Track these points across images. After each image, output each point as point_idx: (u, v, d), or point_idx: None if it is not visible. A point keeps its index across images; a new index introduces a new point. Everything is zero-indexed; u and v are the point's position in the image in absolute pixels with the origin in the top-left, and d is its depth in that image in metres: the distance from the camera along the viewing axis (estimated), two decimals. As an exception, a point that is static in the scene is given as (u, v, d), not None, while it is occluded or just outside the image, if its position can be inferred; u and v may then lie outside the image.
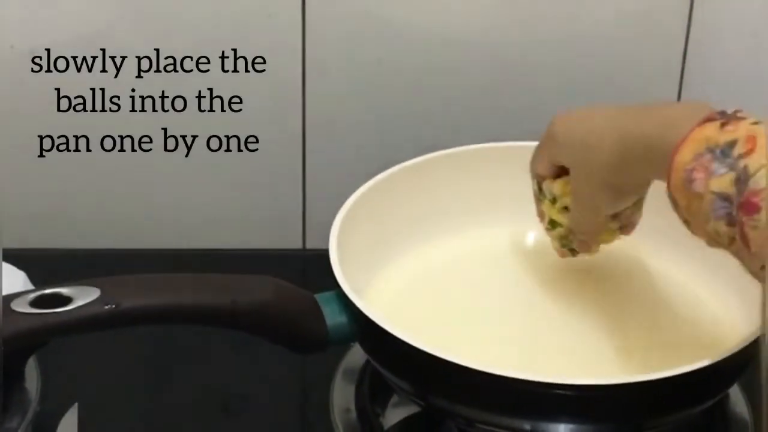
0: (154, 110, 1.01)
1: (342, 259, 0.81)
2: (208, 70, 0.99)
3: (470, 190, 0.93)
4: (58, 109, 1.00)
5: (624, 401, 0.74)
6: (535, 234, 0.92)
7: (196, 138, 1.02)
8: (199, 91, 1.00)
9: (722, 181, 0.68)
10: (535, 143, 0.92)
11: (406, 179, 0.91)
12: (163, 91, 1.00)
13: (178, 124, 1.01)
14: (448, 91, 1.01)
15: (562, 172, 0.83)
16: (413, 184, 0.91)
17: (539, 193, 0.86)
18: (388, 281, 0.88)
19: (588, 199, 0.81)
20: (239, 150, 1.03)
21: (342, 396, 0.86)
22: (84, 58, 0.98)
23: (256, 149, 1.02)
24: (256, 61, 0.99)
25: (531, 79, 1.01)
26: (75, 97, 1.00)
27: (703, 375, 0.73)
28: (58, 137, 1.01)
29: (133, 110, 1.00)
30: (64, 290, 0.73)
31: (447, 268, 0.90)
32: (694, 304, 0.88)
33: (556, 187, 0.84)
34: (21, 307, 0.72)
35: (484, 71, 1.01)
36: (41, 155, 1.02)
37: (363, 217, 0.88)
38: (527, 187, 0.92)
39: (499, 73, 1.01)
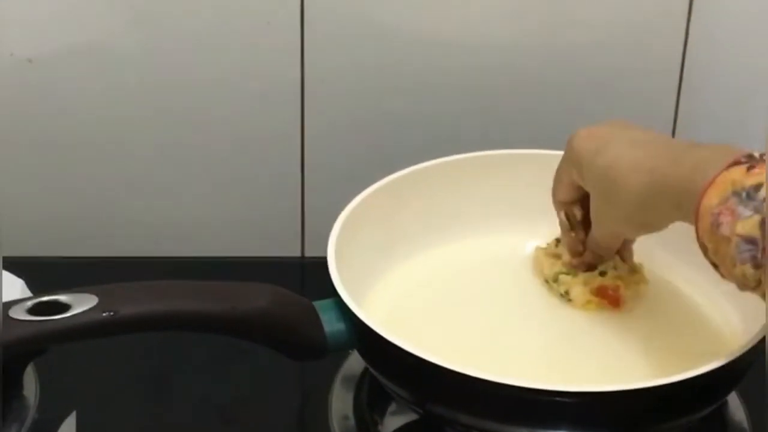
0: (152, 118, 1.01)
1: (340, 267, 0.81)
2: (206, 77, 0.99)
3: (470, 197, 0.93)
4: (57, 117, 1.00)
5: (623, 408, 0.74)
6: (535, 241, 0.91)
7: (195, 146, 1.02)
8: (198, 98, 1.00)
9: (748, 223, 0.67)
10: (537, 151, 0.93)
11: (405, 187, 0.91)
12: (161, 99, 1.00)
13: (177, 131, 1.01)
14: (449, 97, 1.01)
15: (585, 195, 0.82)
16: (412, 192, 0.91)
17: (567, 223, 0.85)
18: (387, 289, 0.88)
19: (608, 229, 0.81)
20: (238, 157, 1.03)
21: (340, 403, 0.86)
22: (83, 66, 0.98)
23: (255, 156, 1.02)
24: (255, 67, 0.99)
25: (532, 85, 1.01)
26: (73, 105, 1.00)
27: (701, 382, 0.73)
28: (57, 145, 1.01)
29: (132, 118, 1.00)
30: (62, 297, 0.73)
31: (446, 276, 0.90)
32: (693, 311, 0.88)
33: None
34: (19, 314, 0.72)
35: (484, 77, 1.01)
36: (39, 163, 1.02)
37: (362, 224, 0.87)
38: (528, 194, 0.92)
39: (500, 79, 1.01)
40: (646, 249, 0.89)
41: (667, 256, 0.89)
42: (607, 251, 0.85)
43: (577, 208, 0.85)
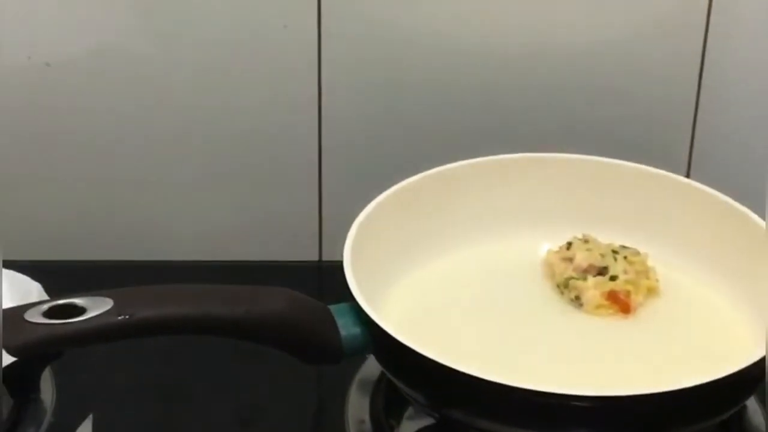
0: (168, 122, 1.01)
1: (357, 271, 0.81)
2: (224, 81, 0.99)
3: (486, 201, 0.92)
4: (74, 120, 1.00)
5: (641, 413, 0.74)
6: (549, 246, 0.91)
7: (212, 149, 1.02)
8: (214, 103, 1.00)
9: None
10: (552, 155, 0.93)
11: (421, 191, 0.91)
12: (177, 103, 1.00)
13: (193, 135, 1.01)
14: (465, 102, 1.01)
15: None
16: (428, 196, 0.91)
17: None
18: (403, 293, 0.88)
19: None
20: (255, 161, 1.03)
21: (357, 408, 0.86)
22: (101, 69, 0.98)
23: (273, 161, 1.02)
24: (272, 71, 0.99)
25: (549, 89, 1.01)
26: (91, 108, 1.00)
27: (720, 386, 0.73)
28: (75, 148, 1.01)
29: (149, 122, 1.01)
30: (77, 301, 0.73)
31: (461, 280, 0.90)
32: (711, 314, 0.87)
33: None
34: (35, 317, 0.72)
35: (500, 84, 1.01)
36: (57, 166, 1.02)
37: (378, 228, 0.87)
38: (542, 197, 0.92)
39: (516, 86, 1.01)
40: (657, 251, 0.88)
41: (680, 258, 0.89)
42: None
43: None
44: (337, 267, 0.82)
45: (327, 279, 1.04)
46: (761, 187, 0.83)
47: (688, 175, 1.02)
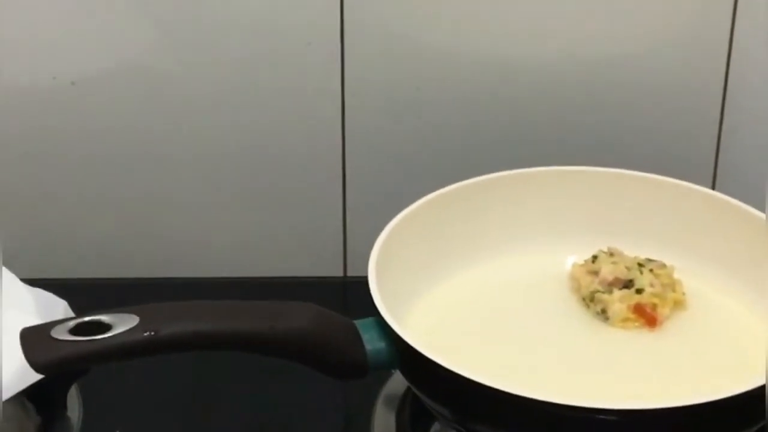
0: (192, 139, 1.01)
1: (381, 285, 0.81)
2: (247, 98, 1.00)
3: (511, 215, 0.92)
4: (99, 139, 1.01)
5: (669, 426, 0.73)
6: (575, 259, 0.91)
7: (236, 166, 1.02)
8: (238, 120, 1.00)
9: None
10: (577, 168, 0.92)
11: (446, 205, 0.91)
12: (201, 120, 1.00)
13: (217, 151, 1.02)
14: (488, 114, 1.01)
15: None
16: (453, 210, 0.91)
17: None
18: (428, 307, 0.88)
19: None
20: (279, 177, 1.03)
21: (383, 423, 0.86)
22: (126, 87, 0.99)
23: (297, 176, 1.03)
24: (295, 87, 0.99)
25: (574, 104, 1.01)
26: (116, 126, 1.00)
27: (749, 399, 0.72)
28: (100, 166, 1.02)
29: (173, 139, 1.01)
30: (103, 318, 0.73)
31: (486, 294, 0.90)
32: (739, 327, 0.87)
33: None
34: (61, 334, 0.72)
35: (524, 95, 1.01)
36: (81, 184, 1.02)
37: (403, 243, 0.87)
38: (568, 212, 0.92)
39: (540, 97, 1.01)
40: (683, 264, 0.88)
41: (706, 271, 0.89)
42: None
43: None
44: (362, 282, 0.82)
45: (351, 294, 1.04)
46: (788, 198, 0.83)
47: (713, 187, 1.02)
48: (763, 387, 0.72)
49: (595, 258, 0.89)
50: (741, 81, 1.00)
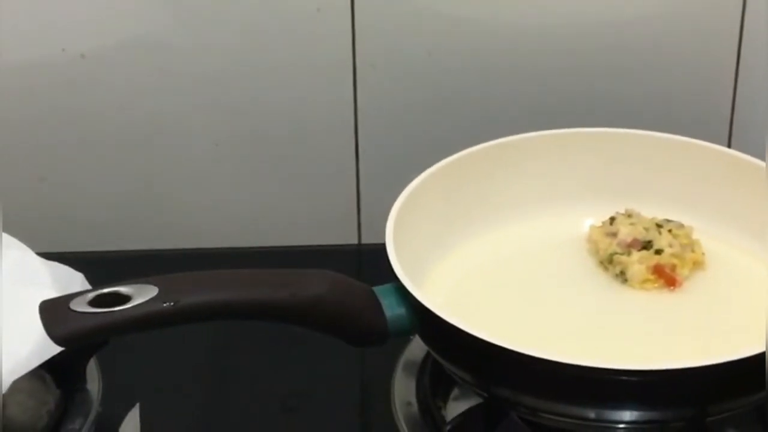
0: (206, 109, 1.01)
1: (399, 251, 0.80)
2: (258, 67, 0.99)
3: (525, 178, 0.92)
4: (110, 112, 1.00)
5: (691, 386, 0.73)
6: (592, 221, 0.91)
7: (248, 136, 1.02)
8: (249, 88, 1.00)
9: None
10: (591, 129, 0.92)
11: (460, 170, 0.90)
12: (213, 91, 1.00)
13: (230, 122, 1.01)
14: (500, 79, 1.01)
15: None
16: (467, 175, 0.90)
17: None
18: (446, 272, 0.88)
19: None
20: (292, 147, 1.02)
21: (403, 389, 0.85)
22: (135, 60, 0.99)
23: (310, 145, 1.02)
24: (306, 56, 0.99)
25: (584, 64, 1.00)
26: (126, 99, 1.00)
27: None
28: (113, 140, 1.01)
29: (185, 110, 1.01)
30: (122, 289, 0.73)
31: (503, 258, 0.89)
32: (758, 286, 0.86)
33: None
34: (80, 306, 0.72)
35: (537, 60, 1.00)
36: (94, 158, 1.02)
37: (418, 209, 0.87)
38: (584, 174, 0.91)
39: (550, 61, 1.00)
40: (702, 224, 0.88)
41: (724, 230, 0.89)
42: None
43: None
44: (376, 250, 0.81)
45: (366, 262, 1.04)
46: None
47: (729, 146, 1.02)
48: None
49: (612, 220, 0.89)
50: (755, 41, 1.00)
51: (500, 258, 0.89)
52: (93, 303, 0.72)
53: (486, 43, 1.00)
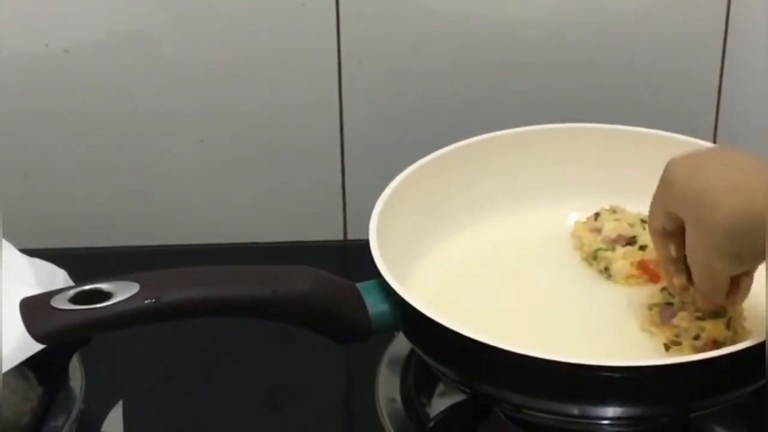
0: (190, 105, 1.00)
1: (383, 247, 0.80)
2: (243, 62, 0.99)
3: (511, 173, 0.92)
4: (93, 108, 1.00)
5: (672, 382, 0.73)
6: (577, 217, 0.90)
7: (233, 131, 1.02)
8: (234, 83, 1.00)
9: None
10: (576, 125, 0.92)
11: (445, 165, 0.90)
12: (197, 86, 1.00)
13: (214, 117, 1.01)
14: (486, 75, 1.01)
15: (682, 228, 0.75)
16: (452, 170, 0.90)
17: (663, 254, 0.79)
18: (431, 268, 0.87)
19: (701, 263, 0.73)
20: (277, 142, 1.02)
21: (387, 386, 0.86)
22: (119, 55, 0.98)
23: (295, 141, 1.02)
24: (292, 51, 0.98)
25: (571, 60, 1.00)
26: (110, 95, 1.00)
27: (751, 354, 0.72)
28: (95, 136, 1.01)
29: (168, 106, 1.00)
30: (103, 286, 0.73)
31: (488, 254, 0.89)
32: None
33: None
34: (61, 303, 0.72)
35: (523, 55, 1.00)
36: (77, 154, 1.02)
37: (403, 204, 0.87)
38: (569, 170, 0.91)
39: (538, 57, 1.00)
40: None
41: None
42: (711, 293, 0.76)
43: (674, 244, 0.77)
44: (362, 245, 0.81)
45: (352, 258, 1.04)
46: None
47: (714, 141, 1.02)
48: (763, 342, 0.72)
49: (597, 215, 0.89)
50: (740, 37, 1.00)
51: (484, 254, 0.89)
52: (74, 300, 0.72)
53: (473, 39, 0.99)
